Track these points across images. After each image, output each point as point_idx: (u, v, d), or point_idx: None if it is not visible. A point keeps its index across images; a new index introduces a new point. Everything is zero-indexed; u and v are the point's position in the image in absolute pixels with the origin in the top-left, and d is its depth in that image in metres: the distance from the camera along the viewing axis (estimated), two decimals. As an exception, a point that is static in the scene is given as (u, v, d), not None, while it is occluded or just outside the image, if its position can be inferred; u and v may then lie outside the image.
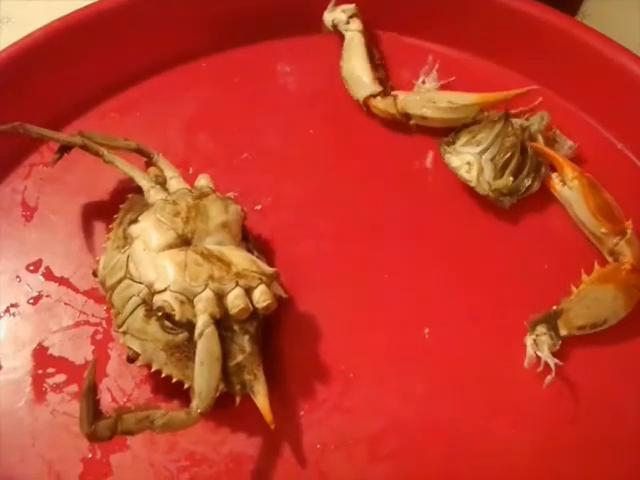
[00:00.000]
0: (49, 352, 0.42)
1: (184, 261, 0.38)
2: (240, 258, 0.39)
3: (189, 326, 0.37)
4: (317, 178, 0.48)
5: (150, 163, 0.45)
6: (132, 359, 0.39)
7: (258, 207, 0.47)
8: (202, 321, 0.37)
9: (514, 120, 0.47)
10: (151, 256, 0.38)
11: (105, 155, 0.44)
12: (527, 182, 0.45)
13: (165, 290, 0.37)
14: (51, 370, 0.42)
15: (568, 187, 0.45)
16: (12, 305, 0.44)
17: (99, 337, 0.43)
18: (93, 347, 0.43)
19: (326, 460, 0.39)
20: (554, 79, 0.50)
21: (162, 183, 0.43)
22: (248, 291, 0.38)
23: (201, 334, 0.36)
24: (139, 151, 0.45)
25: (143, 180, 0.43)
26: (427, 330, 0.42)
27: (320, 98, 0.52)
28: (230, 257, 0.39)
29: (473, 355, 0.42)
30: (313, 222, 0.46)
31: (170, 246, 0.39)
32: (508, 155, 0.45)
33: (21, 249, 0.46)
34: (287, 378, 0.39)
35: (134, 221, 0.41)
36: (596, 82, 0.49)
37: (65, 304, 0.44)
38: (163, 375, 0.38)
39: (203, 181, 0.43)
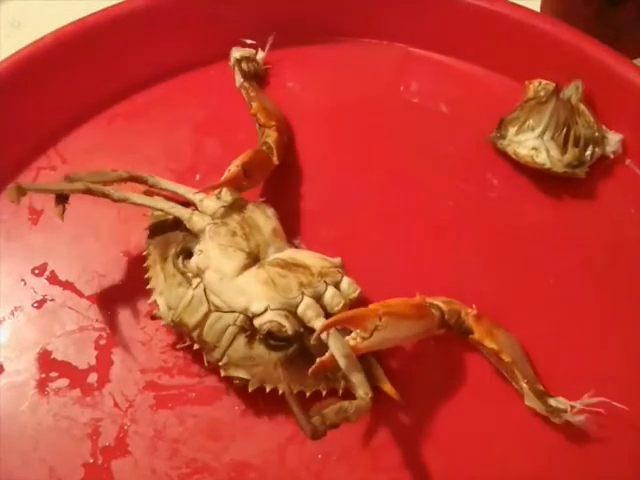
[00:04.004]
0: (52, 356, 0.42)
1: (269, 277, 0.38)
2: (310, 258, 0.40)
3: (296, 336, 0.37)
4: (325, 187, 0.49)
5: (148, 186, 0.43)
6: (241, 386, 0.39)
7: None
8: (321, 323, 0.37)
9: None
10: (232, 283, 0.38)
11: (113, 194, 0.41)
12: (589, 149, 0.47)
13: (265, 311, 0.37)
14: (54, 374, 0.42)
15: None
16: (16, 308, 0.44)
17: (102, 342, 0.43)
18: (96, 352, 0.42)
19: (328, 470, 0.39)
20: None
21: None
22: (336, 286, 0.39)
23: (327, 334, 0.36)
24: (133, 179, 0.42)
25: (178, 210, 0.41)
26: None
27: (328, 107, 0.52)
28: (303, 260, 0.39)
29: (477, 366, 0.42)
30: (319, 231, 0.46)
31: (245, 267, 0.39)
32: (565, 129, 0.47)
33: (26, 252, 0.46)
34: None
35: (183, 253, 0.40)
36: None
37: (69, 308, 0.44)
38: (280, 392, 0.38)
39: (231, 194, 0.42)
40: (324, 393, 0.38)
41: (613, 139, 0.49)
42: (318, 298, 0.38)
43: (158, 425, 0.40)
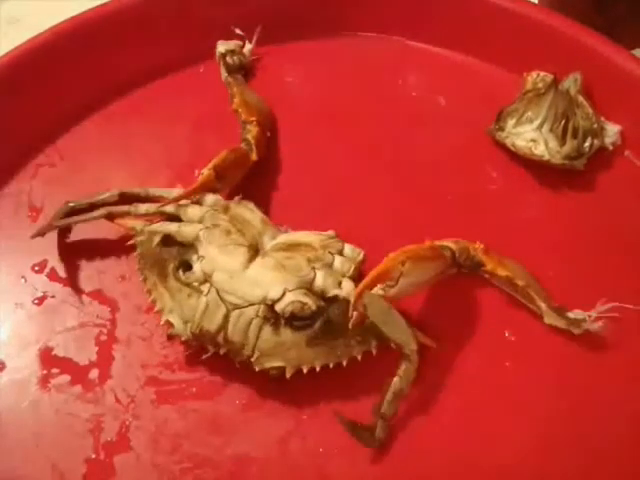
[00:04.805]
0: (53, 352, 0.42)
1: (277, 262, 0.38)
2: (306, 236, 0.41)
3: (319, 311, 0.38)
4: (324, 181, 0.49)
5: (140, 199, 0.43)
6: (278, 377, 0.39)
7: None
8: (344, 290, 0.38)
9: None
10: (243, 277, 0.38)
11: (135, 211, 0.42)
12: (588, 141, 0.47)
13: (284, 294, 0.37)
14: (55, 370, 0.42)
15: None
16: (17, 305, 0.44)
17: (103, 338, 0.43)
18: (97, 348, 0.42)
19: (330, 464, 0.39)
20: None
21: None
22: (340, 254, 0.40)
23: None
24: (123, 196, 0.43)
25: (165, 227, 0.41)
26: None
27: (325, 101, 0.52)
28: (301, 239, 0.40)
29: (478, 356, 0.42)
30: (317, 226, 0.46)
31: (250, 260, 0.39)
32: (564, 121, 0.47)
33: (26, 249, 0.46)
34: (291, 381, 0.39)
35: (182, 266, 0.40)
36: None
37: (70, 305, 0.44)
38: (318, 369, 0.38)
39: (210, 197, 0.42)
40: (359, 358, 0.39)
41: (612, 130, 0.49)
42: (329, 268, 0.39)
43: (159, 420, 0.40)
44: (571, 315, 0.41)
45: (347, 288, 0.38)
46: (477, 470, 0.39)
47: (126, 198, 0.43)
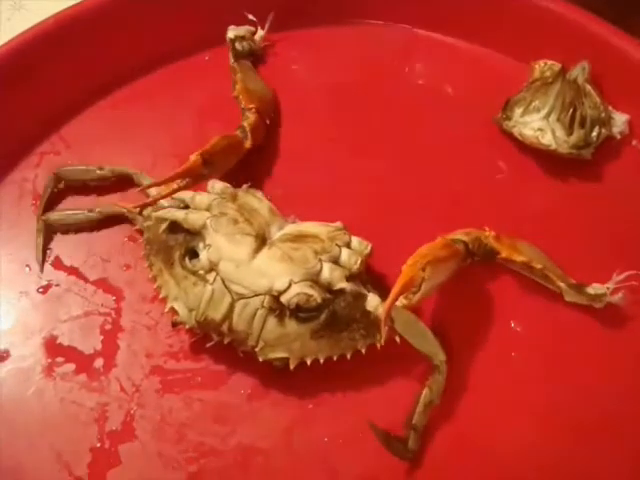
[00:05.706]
0: (58, 341, 0.42)
1: (284, 253, 0.38)
2: (314, 227, 0.40)
3: (325, 303, 0.38)
4: (330, 169, 0.48)
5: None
6: (282, 367, 0.39)
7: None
8: (374, 303, 0.38)
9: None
10: (249, 267, 0.38)
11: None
12: (596, 130, 0.47)
13: (290, 286, 0.37)
14: (60, 359, 0.42)
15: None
16: (21, 294, 0.44)
17: (108, 327, 0.43)
18: (102, 337, 0.43)
19: (334, 454, 0.39)
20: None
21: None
22: (347, 247, 0.40)
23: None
24: (119, 175, 0.44)
25: (172, 214, 0.41)
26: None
27: (332, 89, 0.52)
28: (308, 230, 0.40)
29: (484, 346, 0.42)
30: (323, 215, 0.46)
31: (256, 250, 0.38)
32: (571, 110, 0.47)
33: (31, 238, 0.46)
34: (296, 371, 0.39)
35: (188, 253, 0.40)
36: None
37: (74, 293, 0.44)
38: (322, 361, 0.38)
39: (219, 185, 0.42)
40: (363, 351, 0.39)
41: (619, 119, 0.48)
42: (335, 261, 0.39)
43: (164, 409, 0.40)
44: (591, 290, 0.41)
45: (373, 303, 0.38)
46: (478, 456, 0.39)
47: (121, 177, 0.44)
